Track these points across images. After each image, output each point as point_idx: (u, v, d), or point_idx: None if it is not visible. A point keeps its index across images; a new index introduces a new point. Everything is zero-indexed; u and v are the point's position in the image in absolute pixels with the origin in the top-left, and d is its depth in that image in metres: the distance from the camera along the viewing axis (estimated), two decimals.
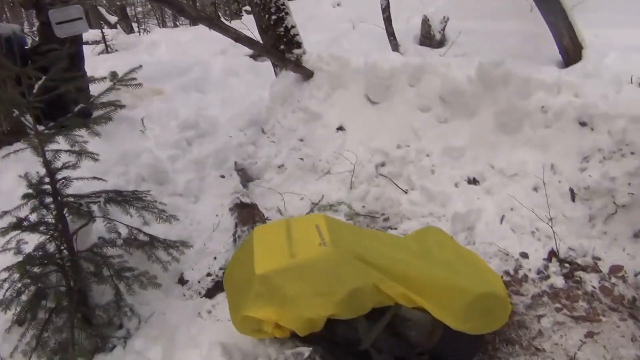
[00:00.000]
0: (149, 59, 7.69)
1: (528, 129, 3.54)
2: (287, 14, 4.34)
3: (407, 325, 2.14)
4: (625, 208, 3.09)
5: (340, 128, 4.19)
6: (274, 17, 4.28)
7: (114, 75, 2.54)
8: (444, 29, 6.34)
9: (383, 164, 3.94)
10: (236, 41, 3.80)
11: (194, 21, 3.45)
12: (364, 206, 3.80)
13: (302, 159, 4.09)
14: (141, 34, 10.38)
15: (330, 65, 4.28)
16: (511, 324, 2.65)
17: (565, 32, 4.86)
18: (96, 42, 8.90)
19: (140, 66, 2.55)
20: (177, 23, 25.62)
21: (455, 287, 2.16)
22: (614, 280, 2.91)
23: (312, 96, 4.30)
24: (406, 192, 3.77)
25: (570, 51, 4.87)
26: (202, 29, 8.75)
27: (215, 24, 3.62)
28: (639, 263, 2.96)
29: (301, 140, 4.22)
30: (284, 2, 4.30)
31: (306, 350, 1.80)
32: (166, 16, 28.67)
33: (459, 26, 6.73)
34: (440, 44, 6.29)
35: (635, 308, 2.73)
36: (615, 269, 2.96)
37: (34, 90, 2.30)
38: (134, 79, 2.46)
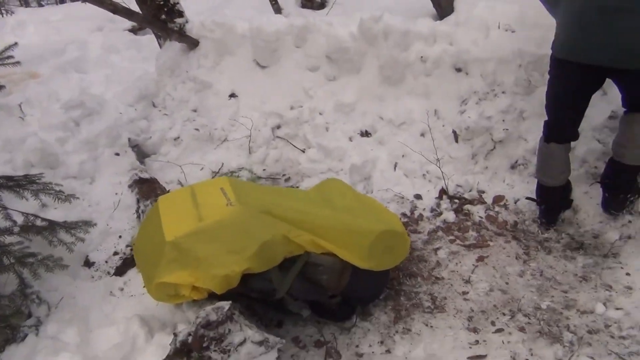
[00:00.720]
0: (18, 42, 7.15)
1: (411, 79, 3.75)
2: None
3: (318, 271, 2.26)
4: (501, 143, 3.40)
5: (232, 95, 4.19)
6: None
7: None
8: None
9: (279, 126, 4.01)
10: (114, 13, 3.67)
11: None
12: (264, 169, 3.87)
13: (197, 129, 4.06)
14: (3, 15, 9.54)
15: (215, 33, 4.24)
16: (412, 259, 2.87)
17: None
18: None
19: (16, 43, 2.41)
20: (42, 3, 23.76)
21: (358, 229, 2.31)
22: (497, 209, 3.21)
23: (200, 65, 4.25)
24: (304, 151, 3.87)
25: (443, 3, 5.12)
26: (72, 7, 8.26)
27: None
28: (517, 191, 3.29)
29: (194, 110, 4.18)
30: None
31: (226, 304, 1.86)
32: None
33: None
34: (322, 5, 6.39)
35: (517, 231, 3.05)
36: (498, 199, 3.27)
37: None
38: (11, 56, 2.33)
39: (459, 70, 3.59)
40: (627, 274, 2.61)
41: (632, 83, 2.57)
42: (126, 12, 3.73)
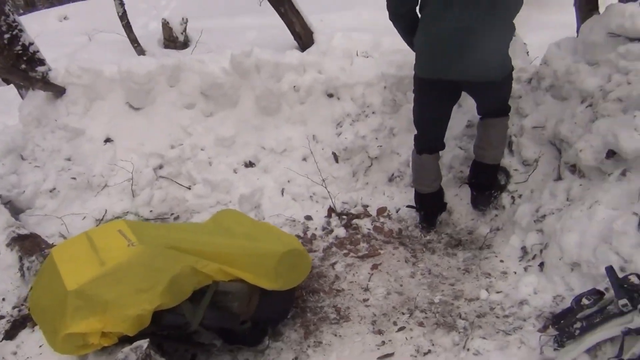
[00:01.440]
0: None
1: (287, 108, 3.93)
2: (21, 30, 4.04)
3: (227, 298, 2.30)
4: (377, 159, 3.68)
5: (107, 140, 4.09)
6: (6, 35, 3.94)
7: None
8: (185, 30, 6.49)
9: (161, 166, 3.98)
10: None
11: None
12: (151, 210, 3.81)
13: (74, 178, 3.90)
14: None
15: (82, 78, 4.12)
16: (312, 277, 2.99)
17: (295, 20, 5.39)
18: None
19: None
20: None
21: (262, 252, 2.39)
22: (382, 219, 3.46)
23: (69, 112, 4.10)
24: (189, 188, 3.88)
25: (303, 36, 5.43)
26: None
27: None
28: (397, 201, 3.57)
29: (68, 159, 4.01)
30: (15, 19, 3.99)
31: (144, 342, 1.84)
32: None
33: (199, 26, 6.96)
34: (185, 45, 6.45)
35: (403, 237, 3.30)
36: (381, 211, 3.52)
37: None
38: None
39: (330, 95, 3.83)
40: (501, 261, 2.94)
41: (483, 93, 2.96)
42: None
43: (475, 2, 2.60)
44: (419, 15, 2.85)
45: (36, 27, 9.02)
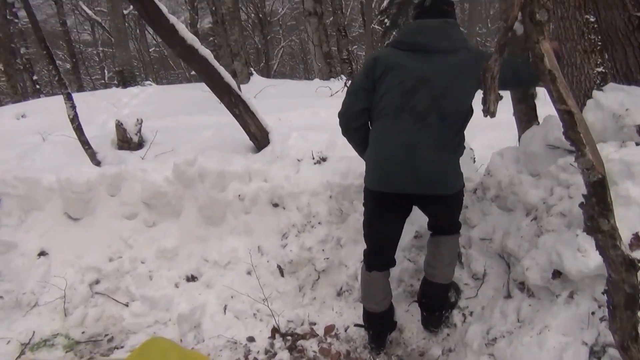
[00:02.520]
0: None
1: (231, 218, 3.79)
2: None
3: None
4: (325, 272, 3.51)
5: (42, 253, 3.86)
6: None
7: None
8: (139, 131, 6.41)
9: (97, 281, 3.74)
10: None
11: None
12: (83, 332, 3.53)
13: (1, 297, 3.63)
14: None
15: (18, 189, 3.95)
16: None
17: (250, 121, 5.37)
18: None
19: None
20: None
21: None
22: (329, 339, 3.24)
23: (2, 225, 3.89)
24: (127, 305, 3.63)
25: (259, 137, 5.38)
26: None
27: None
28: (346, 318, 3.36)
29: None
30: None
31: None
32: None
33: (156, 125, 6.90)
34: (139, 145, 6.33)
35: (350, 359, 3.08)
36: (329, 329, 3.30)
37: None
38: None
39: (276, 205, 3.71)
40: None
41: (434, 209, 2.86)
42: None
43: (423, 115, 2.58)
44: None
45: None
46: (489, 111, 1.73)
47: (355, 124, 2.88)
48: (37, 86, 17.07)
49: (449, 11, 2.73)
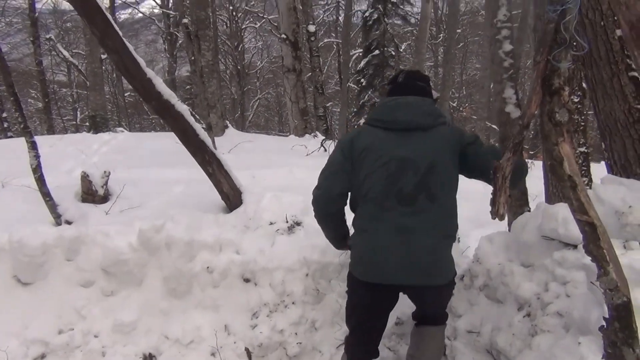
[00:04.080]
0: None
1: (198, 291, 3.50)
2: None
3: None
4: (297, 358, 3.22)
5: None
6: None
7: None
8: (106, 183, 6.10)
9: (43, 356, 3.37)
10: None
11: None
12: None
13: None
14: None
15: None
16: None
17: (223, 180, 5.15)
18: None
19: None
20: None
21: None
22: None
23: None
24: None
25: (231, 197, 5.16)
26: None
27: None
28: None
29: None
30: None
31: None
32: None
33: (124, 177, 6.61)
34: (105, 198, 6.01)
35: None
36: None
37: None
38: None
39: (247, 280, 3.45)
40: None
41: (424, 298, 2.64)
42: None
43: (412, 198, 2.41)
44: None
45: None
46: (498, 214, 1.54)
47: (333, 208, 2.70)
48: (5, 125, 16.59)
49: (424, 87, 2.63)
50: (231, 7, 26.70)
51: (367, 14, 18.98)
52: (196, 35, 9.00)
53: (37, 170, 5.37)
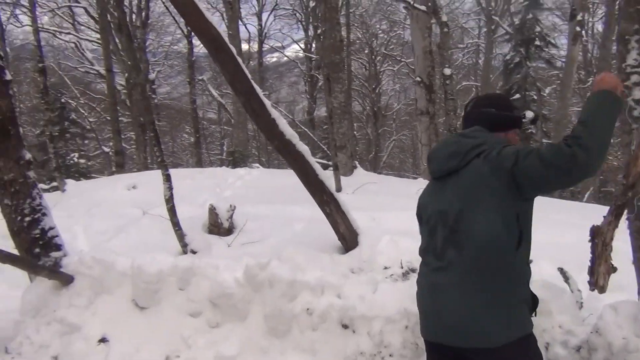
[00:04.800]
0: None
1: (297, 332, 3.46)
2: (44, 215, 3.98)
3: None
4: None
5: (102, 340, 3.73)
6: (27, 218, 3.89)
7: None
8: (231, 217, 6.40)
9: None
10: None
11: None
12: None
13: None
14: None
15: (93, 269, 3.92)
16: None
17: (340, 220, 5.15)
18: None
19: None
20: None
21: None
22: None
23: (71, 304, 3.84)
24: None
25: (347, 238, 5.14)
26: None
27: None
28: None
29: (55, 358, 3.65)
30: (40, 203, 3.96)
31: None
32: None
33: (250, 211, 6.90)
34: (229, 231, 6.31)
35: None
36: None
37: None
38: None
39: (345, 327, 3.34)
40: None
41: None
42: None
43: (442, 252, 2.16)
44: None
45: (104, 193, 9.45)
46: (597, 285, 1.32)
47: None
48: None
49: (487, 113, 2.31)
50: (370, 51, 27.32)
51: (508, 57, 18.40)
52: (327, 79, 9.24)
53: (170, 201, 5.79)
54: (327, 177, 5.34)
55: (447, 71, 15.20)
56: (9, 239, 4.06)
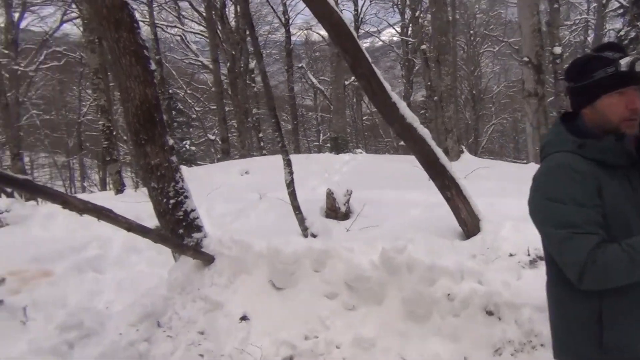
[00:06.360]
0: (41, 235, 7.20)
1: (437, 318, 3.43)
2: (186, 197, 4.21)
3: None
4: None
5: (243, 318, 3.89)
6: (172, 201, 4.12)
7: None
8: (348, 202, 6.46)
9: (291, 358, 3.63)
10: (128, 231, 3.57)
11: (80, 213, 3.23)
12: None
13: (201, 355, 3.70)
14: (39, 203, 9.86)
15: (232, 250, 4.09)
16: None
17: (462, 206, 5.04)
18: None
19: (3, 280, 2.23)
20: (87, 188, 25.22)
21: None
22: None
23: (213, 283, 4.04)
24: None
25: (469, 224, 5.03)
26: (102, 202, 8.46)
27: (104, 214, 3.40)
28: None
29: (201, 333, 3.86)
30: (182, 186, 4.18)
31: None
32: (75, 179, 28.27)
33: (363, 196, 6.93)
34: (346, 216, 6.38)
35: None
36: None
37: None
38: None
39: (490, 313, 3.27)
40: None
41: None
42: (141, 230, 3.63)
43: None
44: None
45: (219, 178, 9.86)
46: None
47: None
48: (262, 144, 18.71)
49: (569, 92, 1.88)
50: (470, 32, 26.47)
51: (622, 32, 17.10)
52: (437, 60, 9.05)
53: (291, 185, 5.93)
54: (447, 161, 5.24)
55: (558, 50, 14.43)
56: (154, 219, 4.34)
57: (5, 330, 4.17)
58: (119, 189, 11.69)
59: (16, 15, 19.00)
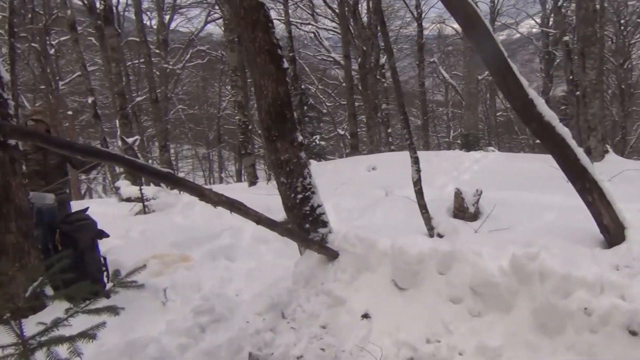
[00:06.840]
0: (181, 222, 7.77)
1: (571, 333, 3.19)
2: (313, 193, 4.30)
3: None
4: None
5: (365, 315, 3.91)
6: (299, 196, 4.24)
7: (115, 274, 2.42)
8: (477, 202, 6.20)
9: None
10: (257, 224, 3.72)
11: (215, 205, 3.44)
12: None
13: (323, 349, 3.77)
14: (181, 192, 10.61)
15: (356, 247, 4.12)
16: None
17: (604, 211, 4.63)
18: (138, 200, 9.11)
19: (144, 266, 2.44)
20: (224, 179, 26.86)
21: None
22: None
23: (336, 279, 4.10)
24: None
25: (612, 231, 4.61)
26: (236, 193, 8.92)
27: (236, 207, 3.57)
28: None
29: (323, 327, 3.93)
30: (310, 182, 4.28)
31: None
32: (214, 170, 30.18)
33: (493, 197, 6.62)
34: (474, 217, 6.12)
35: None
36: None
37: None
38: (135, 281, 2.33)
39: (634, 333, 2.97)
40: None
41: None
42: (269, 223, 3.77)
43: None
44: None
45: (347, 174, 9.97)
46: None
47: None
48: (390, 139, 18.65)
49: None
50: (620, 21, 24.24)
51: None
52: (581, 53, 8.39)
53: (418, 184, 5.81)
54: (588, 162, 4.85)
55: None
56: (283, 212, 4.49)
57: (147, 309, 4.53)
58: (252, 181, 12.25)
59: (167, 17, 20.68)
